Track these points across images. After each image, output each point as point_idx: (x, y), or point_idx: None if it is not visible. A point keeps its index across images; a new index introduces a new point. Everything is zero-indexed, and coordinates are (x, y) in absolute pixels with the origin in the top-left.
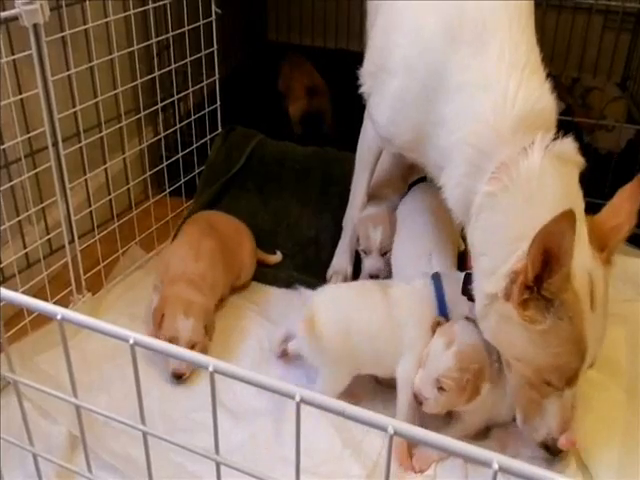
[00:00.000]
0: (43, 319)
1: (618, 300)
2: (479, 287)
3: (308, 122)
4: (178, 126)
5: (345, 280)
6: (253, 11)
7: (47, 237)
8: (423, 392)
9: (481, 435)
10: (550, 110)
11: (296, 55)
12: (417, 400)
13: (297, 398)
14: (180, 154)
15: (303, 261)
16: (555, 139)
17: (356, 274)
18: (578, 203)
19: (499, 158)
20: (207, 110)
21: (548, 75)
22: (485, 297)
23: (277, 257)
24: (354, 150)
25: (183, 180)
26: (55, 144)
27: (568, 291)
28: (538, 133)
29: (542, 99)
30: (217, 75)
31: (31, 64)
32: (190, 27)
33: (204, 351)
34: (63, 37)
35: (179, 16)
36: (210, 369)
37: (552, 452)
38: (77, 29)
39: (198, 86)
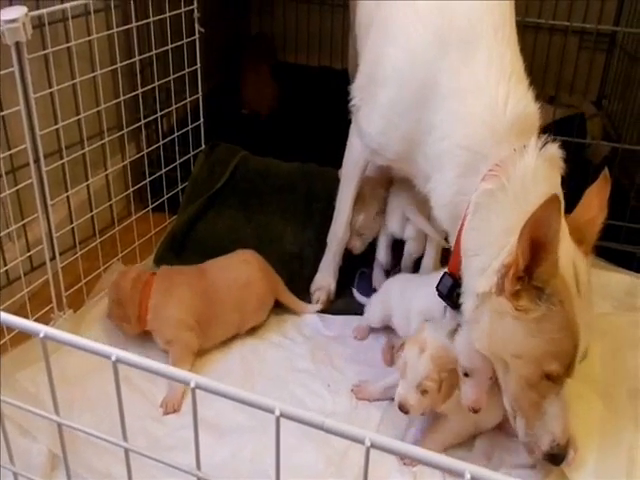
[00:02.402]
0: (23, 336)
1: (596, 314)
2: (470, 289)
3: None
4: (161, 142)
5: (328, 296)
6: (236, 29)
7: (28, 254)
8: (409, 400)
9: (466, 447)
10: (535, 117)
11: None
12: (403, 410)
13: (277, 412)
14: (163, 170)
15: (287, 276)
16: (546, 143)
17: (339, 290)
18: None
19: (494, 158)
20: (190, 127)
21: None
22: (477, 298)
23: (310, 307)
24: (337, 166)
25: (166, 196)
26: (37, 161)
27: (557, 277)
28: (530, 136)
29: (529, 106)
30: (200, 92)
31: (13, 81)
32: (173, 45)
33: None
34: (45, 54)
35: (162, 34)
36: (192, 385)
37: (556, 460)
38: (60, 47)
39: (181, 103)
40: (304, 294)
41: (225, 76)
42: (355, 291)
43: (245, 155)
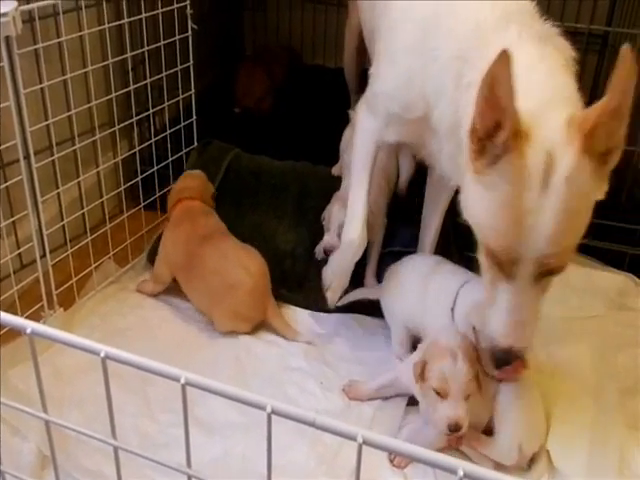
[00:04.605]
0: (13, 333)
1: (587, 316)
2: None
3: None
4: (153, 140)
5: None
6: (230, 26)
7: (18, 251)
8: (461, 415)
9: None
10: (529, 7)
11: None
12: (457, 429)
13: (268, 409)
14: (155, 168)
15: (279, 274)
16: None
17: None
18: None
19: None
20: (183, 124)
21: None
22: (462, 173)
23: (300, 336)
24: (330, 164)
25: (158, 194)
26: (27, 157)
27: (515, 152)
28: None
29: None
30: (193, 89)
31: (3, 76)
32: (166, 42)
33: None
34: (36, 50)
35: (155, 30)
36: (182, 381)
37: (498, 363)
38: (50, 42)
39: (174, 100)
40: (296, 291)
41: (218, 74)
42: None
43: (238, 153)
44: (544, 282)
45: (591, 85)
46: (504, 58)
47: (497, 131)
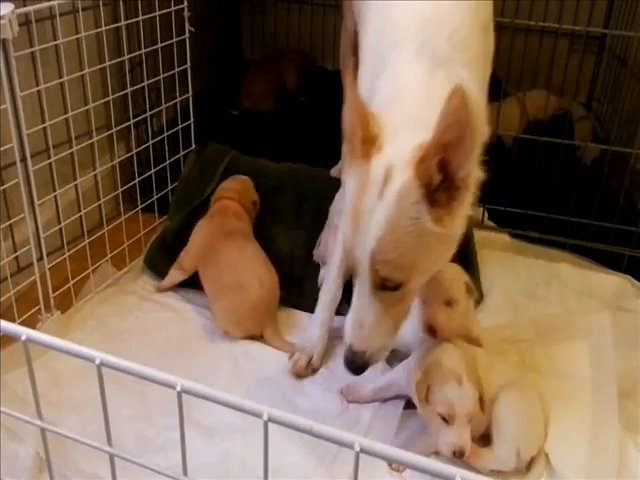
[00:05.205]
0: (10, 338)
1: (583, 313)
2: None
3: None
4: (151, 142)
5: (310, 359)
6: (228, 29)
7: (15, 254)
8: (467, 440)
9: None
10: None
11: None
12: (463, 455)
13: (265, 417)
14: (153, 170)
15: (279, 277)
16: None
17: None
18: None
19: None
20: (180, 126)
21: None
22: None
23: (284, 345)
24: (328, 166)
25: (156, 196)
26: (23, 160)
27: (365, 158)
28: None
29: None
30: (191, 92)
31: None
32: (163, 44)
33: None
34: (33, 52)
35: (152, 33)
36: (178, 389)
37: (345, 362)
38: (47, 45)
39: (171, 103)
40: (295, 294)
41: (216, 76)
42: None
43: (235, 155)
44: (393, 296)
45: (589, 87)
46: (352, 86)
47: (354, 137)
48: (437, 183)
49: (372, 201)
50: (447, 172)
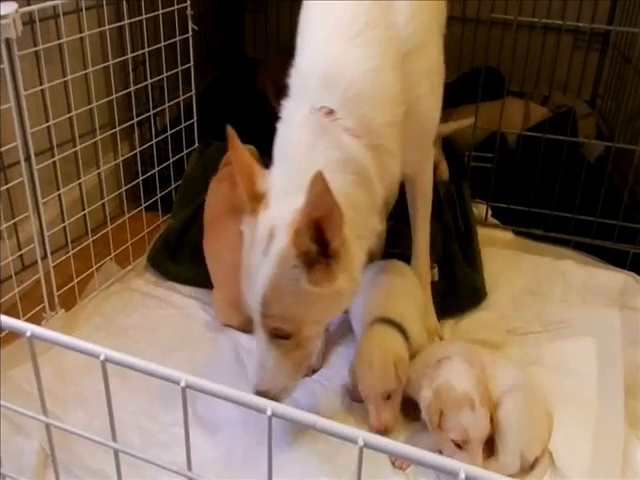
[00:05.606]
0: (16, 334)
1: (587, 309)
2: None
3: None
4: (154, 141)
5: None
6: (231, 27)
7: (19, 253)
8: (479, 464)
9: None
10: None
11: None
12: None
13: (269, 412)
14: (156, 169)
15: None
16: None
17: None
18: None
19: None
20: (184, 125)
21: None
22: None
23: None
24: None
25: (159, 195)
26: (28, 159)
27: (253, 214)
28: None
29: None
30: (194, 90)
31: (3, 78)
32: (166, 43)
33: None
34: (36, 51)
35: (155, 31)
36: (182, 384)
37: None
38: (51, 44)
39: (174, 101)
40: None
41: (219, 74)
42: None
43: None
44: (288, 344)
45: (592, 84)
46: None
47: (242, 193)
48: (314, 251)
49: (259, 257)
50: (323, 241)
